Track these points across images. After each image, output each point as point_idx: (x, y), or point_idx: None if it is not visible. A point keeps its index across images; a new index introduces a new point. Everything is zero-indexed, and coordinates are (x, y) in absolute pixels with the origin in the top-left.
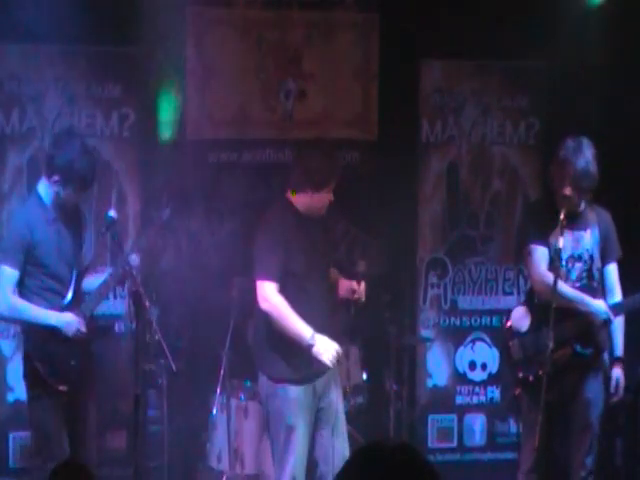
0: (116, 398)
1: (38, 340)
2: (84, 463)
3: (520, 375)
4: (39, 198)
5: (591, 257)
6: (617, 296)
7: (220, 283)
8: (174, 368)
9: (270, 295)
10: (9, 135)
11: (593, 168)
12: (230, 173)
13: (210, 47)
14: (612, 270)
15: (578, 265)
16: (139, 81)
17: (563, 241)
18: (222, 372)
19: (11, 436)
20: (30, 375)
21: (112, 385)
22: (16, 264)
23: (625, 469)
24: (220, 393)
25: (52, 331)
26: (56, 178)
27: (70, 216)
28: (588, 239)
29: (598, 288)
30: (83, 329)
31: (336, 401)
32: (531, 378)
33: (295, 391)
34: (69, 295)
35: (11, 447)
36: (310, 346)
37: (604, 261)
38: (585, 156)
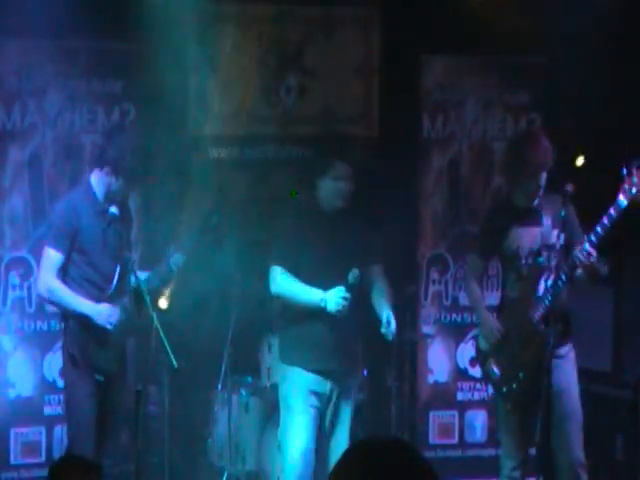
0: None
1: (77, 330)
2: (108, 456)
3: (504, 389)
4: (90, 187)
5: (552, 248)
6: None
7: (221, 279)
8: (175, 364)
9: (275, 276)
10: (10, 131)
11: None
12: (231, 169)
13: (211, 43)
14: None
15: (541, 259)
16: (140, 77)
17: (521, 239)
18: (223, 368)
19: (12, 432)
20: (68, 364)
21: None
22: (61, 248)
23: (625, 464)
24: (221, 389)
25: (90, 321)
26: (107, 170)
27: (119, 212)
28: (546, 232)
29: (569, 278)
30: (114, 319)
31: (344, 414)
32: (514, 386)
33: (305, 377)
34: (110, 290)
35: (12, 443)
36: (323, 309)
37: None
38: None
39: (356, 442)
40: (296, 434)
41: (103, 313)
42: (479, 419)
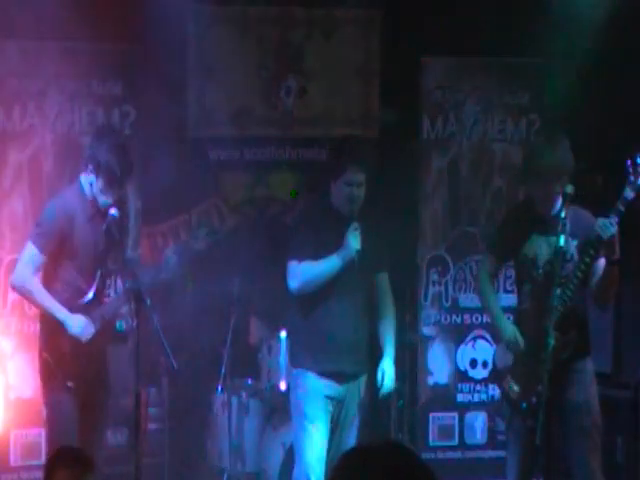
0: (117, 396)
1: (52, 334)
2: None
3: (524, 405)
4: (81, 188)
5: (569, 259)
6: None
7: (221, 281)
8: (175, 366)
9: (293, 269)
10: (10, 132)
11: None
12: (231, 170)
13: (211, 44)
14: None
15: (557, 269)
16: (140, 79)
17: (539, 247)
18: (223, 370)
19: (12, 434)
20: (43, 368)
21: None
22: (44, 248)
23: (626, 466)
24: (221, 391)
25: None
26: (91, 167)
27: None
28: (564, 242)
29: (582, 291)
30: (89, 331)
31: (355, 415)
32: (535, 400)
33: (319, 383)
34: (90, 294)
35: (12, 445)
36: (347, 256)
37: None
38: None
39: (353, 447)
40: (312, 441)
41: (78, 324)
42: (479, 421)
